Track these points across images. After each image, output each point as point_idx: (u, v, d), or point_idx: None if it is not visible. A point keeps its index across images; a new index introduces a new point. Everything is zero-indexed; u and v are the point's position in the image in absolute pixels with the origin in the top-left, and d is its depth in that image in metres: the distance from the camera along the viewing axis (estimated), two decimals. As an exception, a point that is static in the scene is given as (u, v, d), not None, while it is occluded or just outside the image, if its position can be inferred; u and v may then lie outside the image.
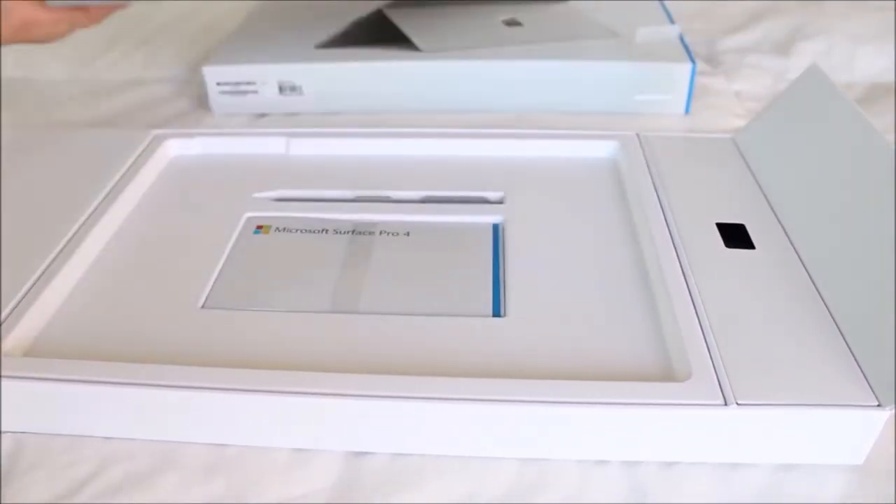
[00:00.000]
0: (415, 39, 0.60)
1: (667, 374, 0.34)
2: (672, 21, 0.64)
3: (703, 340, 0.35)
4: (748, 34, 0.72)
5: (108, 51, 0.71)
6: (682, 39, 0.61)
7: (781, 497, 0.32)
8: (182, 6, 0.77)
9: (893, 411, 0.31)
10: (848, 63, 0.68)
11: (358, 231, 0.44)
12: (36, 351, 0.36)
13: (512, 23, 0.64)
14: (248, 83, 0.60)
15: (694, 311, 0.36)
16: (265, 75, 0.59)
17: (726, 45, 0.71)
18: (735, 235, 0.42)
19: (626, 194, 0.46)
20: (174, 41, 0.70)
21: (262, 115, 0.61)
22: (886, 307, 0.33)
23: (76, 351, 0.36)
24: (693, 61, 0.58)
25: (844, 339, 0.35)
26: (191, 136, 0.52)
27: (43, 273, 0.39)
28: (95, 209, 0.44)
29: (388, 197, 0.46)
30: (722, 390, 0.32)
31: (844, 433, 0.33)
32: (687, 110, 0.60)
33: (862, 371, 0.33)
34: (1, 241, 0.42)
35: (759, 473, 0.33)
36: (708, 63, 0.68)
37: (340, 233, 0.44)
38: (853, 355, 0.34)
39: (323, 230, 0.44)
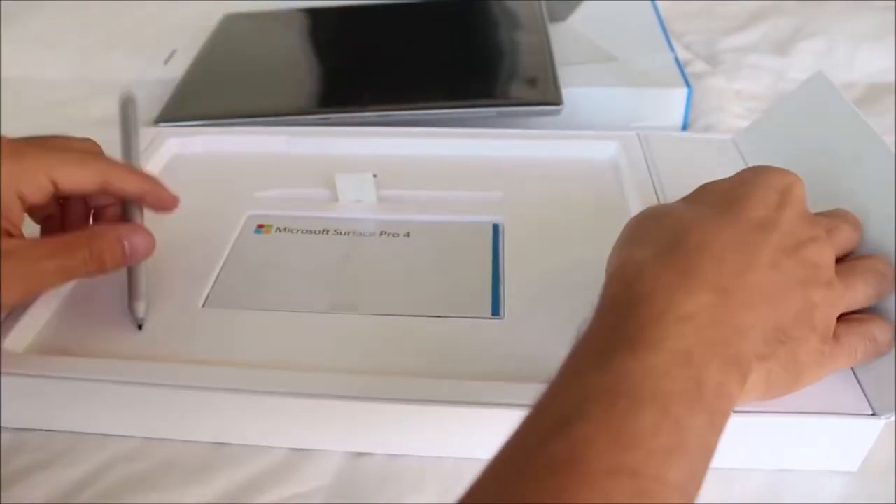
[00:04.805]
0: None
1: (665, 374, 0.34)
2: (668, 39, 0.63)
3: (702, 341, 0.34)
4: (748, 34, 0.72)
5: (108, 51, 0.71)
6: (677, 62, 0.59)
7: (778, 499, 0.33)
8: (183, 7, 0.77)
9: (888, 420, 0.32)
10: (848, 63, 0.68)
11: (358, 231, 0.44)
12: (36, 348, 0.36)
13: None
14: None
15: (693, 311, 0.36)
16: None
17: (726, 45, 0.71)
18: (734, 236, 0.41)
19: (626, 194, 0.46)
20: (175, 42, 0.70)
21: None
22: (884, 314, 0.33)
23: (76, 348, 0.36)
24: (689, 85, 0.56)
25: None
26: (192, 134, 0.52)
27: (44, 272, 0.39)
28: (96, 208, 0.44)
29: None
30: (720, 391, 0.32)
31: (839, 441, 0.33)
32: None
33: (857, 380, 0.33)
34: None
35: (756, 477, 0.33)
36: (708, 63, 0.68)
37: (341, 233, 0.44)
38: (850, 363, 0.34)
39: (324, 230, 0.44)
